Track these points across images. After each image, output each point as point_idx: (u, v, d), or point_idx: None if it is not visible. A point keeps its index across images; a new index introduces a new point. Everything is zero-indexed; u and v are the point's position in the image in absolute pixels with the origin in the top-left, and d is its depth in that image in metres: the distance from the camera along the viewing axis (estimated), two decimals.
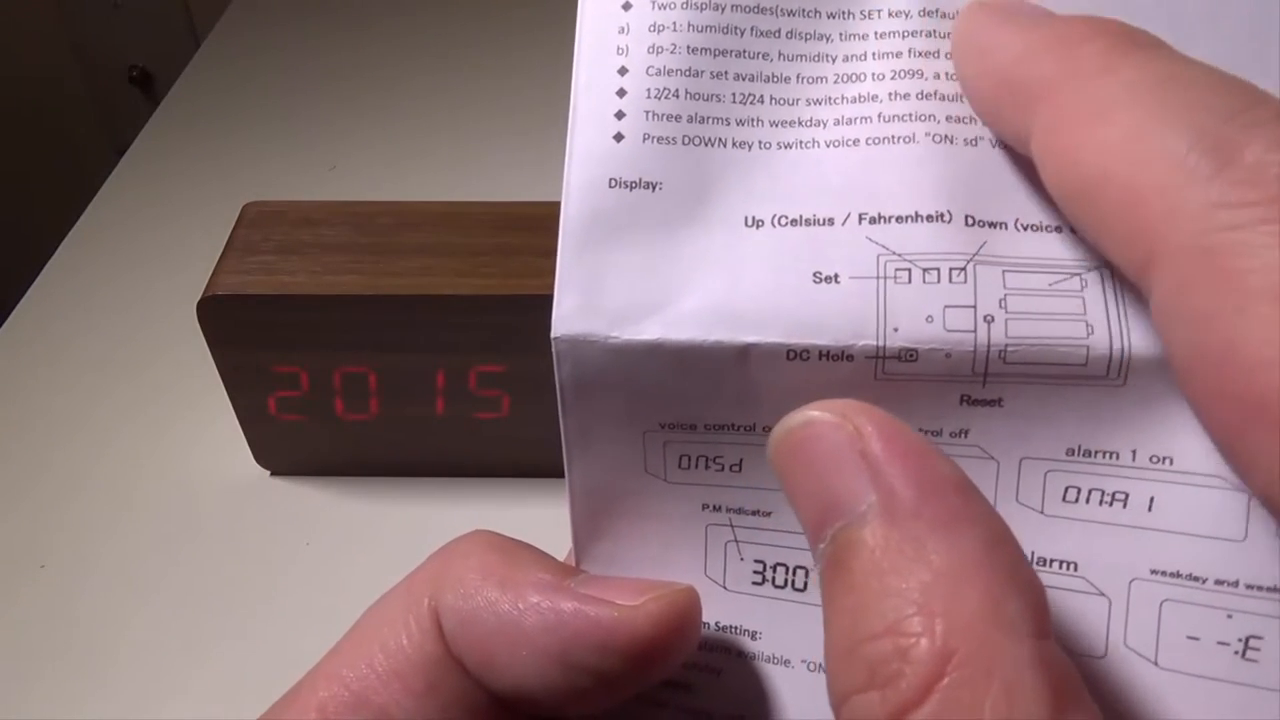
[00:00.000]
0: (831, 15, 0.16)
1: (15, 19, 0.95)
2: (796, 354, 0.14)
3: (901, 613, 0.12)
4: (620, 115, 0.16)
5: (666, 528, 0.16)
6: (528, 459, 0.38)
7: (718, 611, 0.16)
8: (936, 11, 0.16)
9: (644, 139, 0.15)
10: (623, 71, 0.16)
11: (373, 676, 0.16)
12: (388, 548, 0.37)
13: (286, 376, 0.35)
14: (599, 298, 0.15)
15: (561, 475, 0.16)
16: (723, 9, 0.16)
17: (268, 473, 0.40)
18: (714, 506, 0.16)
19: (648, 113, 0.16)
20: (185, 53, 0.71)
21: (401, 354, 0.35)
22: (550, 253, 0.37)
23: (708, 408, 0.15)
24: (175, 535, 0.38)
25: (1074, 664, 0.12)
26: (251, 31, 0.71)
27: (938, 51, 0.16)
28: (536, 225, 0.35)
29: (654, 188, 0.15)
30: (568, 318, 0.15)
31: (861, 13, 0.16)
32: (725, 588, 0.17)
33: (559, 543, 0.18)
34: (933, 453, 0.13)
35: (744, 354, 0.15)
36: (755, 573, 0.16)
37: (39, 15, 0.95)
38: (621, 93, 0.16)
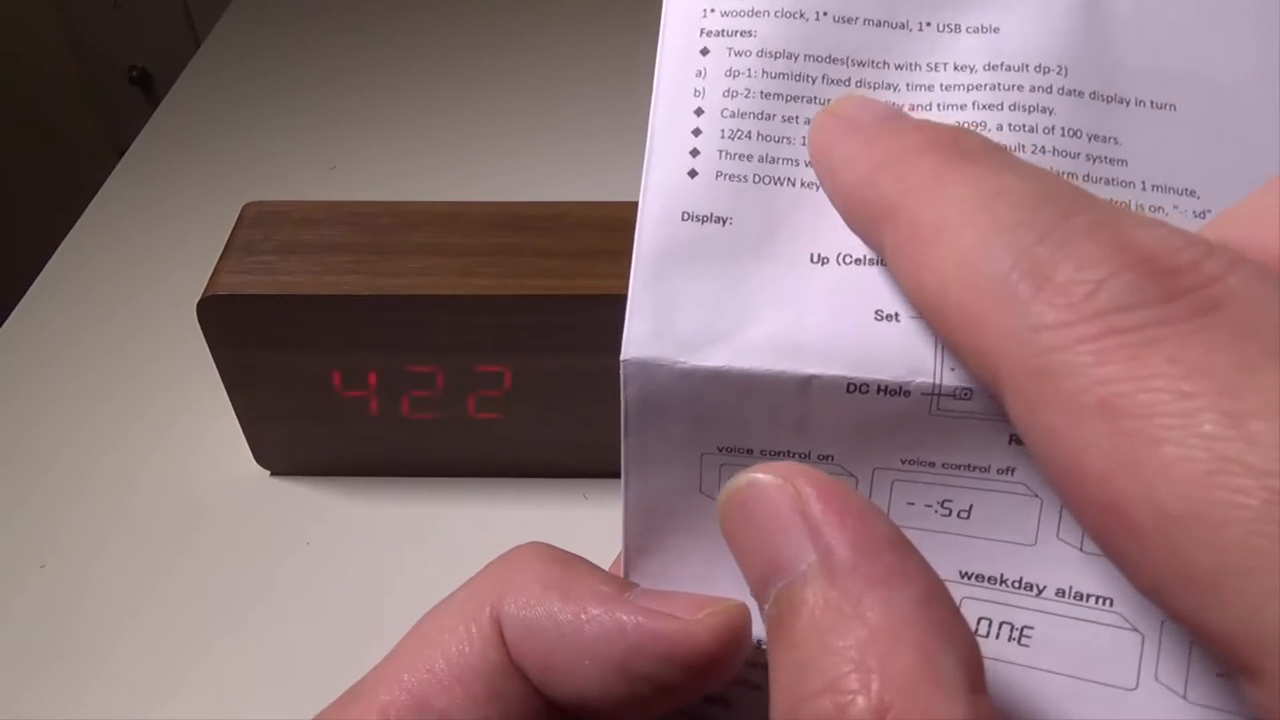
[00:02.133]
0: (899, 67, 0.17)
1: (15, 19, 0.95)
2: (856, 387, 0.15)
3: (839, 670, 0.12)
4: (695, 153, 0.16)
5: (715, 547, 0.17)
6: (527, 459, 0.38)
7: (757, 629, 0.17)
8: (1001, 65, 0.16)
9: (717, 176, 0.16)
10: (699, 112, 0.17)
11: (433, 681, 0.17)
12: (388, 548, 0.37)
13: (286, 376, 0.35)
14: (669, 324, 0.16)
15: (559, 475, 0.17)
16: (796, 58, 0.17)
17: (268, 473, 0.40)
18: None
19: (721, 151, 0.16)
20: (185, 53, 0.71)
21: (401, 354, 0.35)
22: (550, 253, 0.37)
23: (766, 434, 0.16)
24: (175, 535, 0.38)
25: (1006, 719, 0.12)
26: (251, 31, 0.71)
27: (1000, 104, 0.16)
28: (536, 225, 0.35)
29: (724, 222, 0.16)
30: (638, 341, 0.16)
31: (929, 65, 0.17)
32: None
33: (559, 542, 0.18)
34: (870, 512, 0.13)
35: (806, 385, 0.15)
36: None
37: (39, 15, 0.95)
38: (696, 132, 0.16)
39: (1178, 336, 0.11)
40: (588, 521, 0.36)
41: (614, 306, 0.16)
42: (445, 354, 0.35)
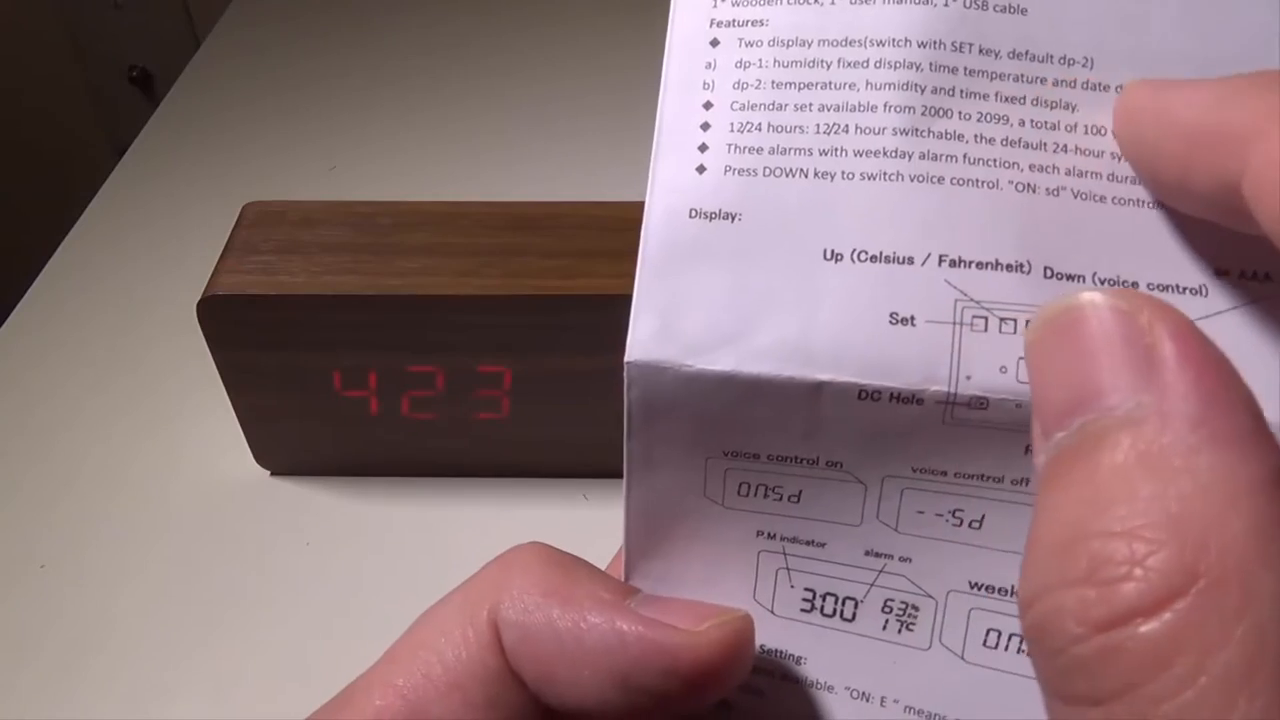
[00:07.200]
0: (922, 45, 0.16)
1: (15, 19, 0.95)
2: (868, 394, 0.15)
3: (1149, 517, 0.10)
4: (703, 148, 0.16)
5: (719, 551, 0.17)
6: (527, 459, 0.38)
7: (763, 635, 0.17)
8: (1025, 54, 0.15)
9: (726, 171, 0.16)
10: (707, 106, 0.16)
11: (430, 688, 0.16)
12: (388, 548, 0.37)
13: (286, 376, 0.35)
14: (675, 325, 0.15)
15: (559, 475, 0.17)
16: (810, 44, 0.16)
17: (268, 473, 0.40)
18: (769, 534, 0.17)
19: (730, 145, 0.16)
20: (185, 53, 0.71)
21: (401, 354, 0.35)
22: (550, 253, 0.37)
23: (773, 439, 0.16)
24: (176, 535, 0.38)
25: None
26: (251, 31, 0.71)
27: (1023, 98, 0.15)
28: (537, 225, 0.35)
29: (734, 219, 0.16)
30: (643, 343, 0.15)
31: (953, 45, 0.16)
32: (773, 612, 0.17)
33: (559, 542, 0.18)
34: (1232, 372, 0.11)
35: (817, 391, 0.15)
36: (804, 600, 0.17)
37: (39, 15, 0.95)
38: (705, 126, 0.16)
39: None
40: (588, 521, 0.36)
41: (614, 306, 0.16)
42: (445, 354, 0.35)
